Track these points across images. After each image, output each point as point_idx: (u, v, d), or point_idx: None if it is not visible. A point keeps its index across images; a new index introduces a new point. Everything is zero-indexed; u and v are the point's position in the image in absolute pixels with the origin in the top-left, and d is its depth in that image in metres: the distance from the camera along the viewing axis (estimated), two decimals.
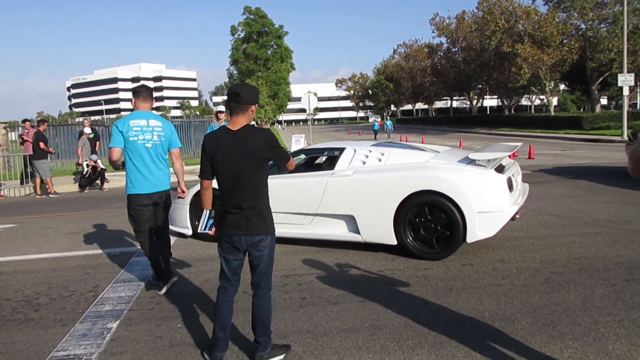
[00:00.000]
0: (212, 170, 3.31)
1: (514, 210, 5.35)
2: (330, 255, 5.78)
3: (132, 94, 4.88)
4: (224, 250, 3.34)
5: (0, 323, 4.29)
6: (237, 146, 3.21)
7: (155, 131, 4.76)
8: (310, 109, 25.93)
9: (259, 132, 3.30)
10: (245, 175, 3.21)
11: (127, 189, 4.80)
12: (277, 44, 47.41)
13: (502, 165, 5.89)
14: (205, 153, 3.30)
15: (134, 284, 5.14)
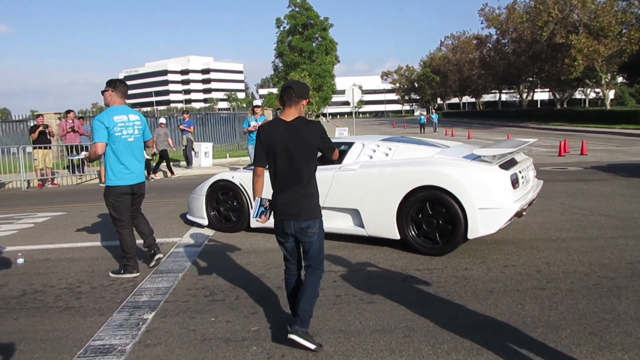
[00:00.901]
0: (267, 158, 3.49)
1: (517, 207, 5.25)
2: (367, 252, 5.68)
3: (112, 88, 5.11)
4: (278, 235, 3.61)
5: (43, 310, 4.43)
6: (292, 136, 3.43)
7: (135, 126, 5.12)
8: (355, 102, 25.75)
9: (311, 123, 3.58)
10: (299, 164, 3.44)
11: (107, 180, 5.12)
12: (322, 37, 47.26)
13: (515, 161, 5.85)
14: (261, 142, 3.50)
15: (171, 275, 5.21)
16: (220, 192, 7.05)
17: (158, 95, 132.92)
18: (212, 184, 7.07)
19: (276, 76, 51.49)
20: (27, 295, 4.83)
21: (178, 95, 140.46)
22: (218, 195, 7.06)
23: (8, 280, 5.30)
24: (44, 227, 7.96)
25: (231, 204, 6.98)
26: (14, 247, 6.65)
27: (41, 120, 14.12)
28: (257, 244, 6.29)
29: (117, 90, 5.13)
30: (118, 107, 5.10)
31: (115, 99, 5.12)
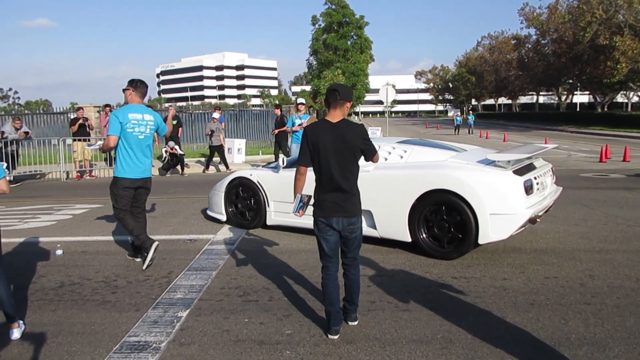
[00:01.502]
0: (312, 158, 3.63)
1: (529, 214, 5.20)
2: (401, 257, 5.58)
3: (133, 88, 5.43)
4: (321, 231, 3.68)
5: (81, 302, 4.50)
6: (338, 137, 3.59)
7: (148, 125, 5.42)
8: (388, 101, 25.50)
9: (355, 125, 3.73)
10: (345, 164, 3.60)
11: (116, 171, 5.42)
12: (357, 35, 46.92)
13: (533, 166, 5.81)
14: (308, 142, 3.63)
15: (205, 272, 5.22)
16: (239, 189, 7.19)
17: (193, 91, 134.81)
18: (231, 181, 7.24)
19: (310, 74, 51.44)
20: (65, 287, 4.92)
21: (212, 90, 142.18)
22: (236, 192, 7.21)
23: (47, 271, 5.41)
24: (82, 219, 8.12)
25: (249, 201, 7.11)
26: (53, 238, 6.80)
27: (81, 114, 14.46)
28: (291, 244, 6.26)
29: (137, 90, 5.45)
30: (135, 105, 5.42)
31: (135, 98, 5.45)
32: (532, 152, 5.89)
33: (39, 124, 20.93)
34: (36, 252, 6.16)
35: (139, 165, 5.41)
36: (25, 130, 13.91)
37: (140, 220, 5.68)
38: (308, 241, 6.27)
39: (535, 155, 5.95)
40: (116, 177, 5.42)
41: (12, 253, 6.12)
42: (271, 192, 6.86)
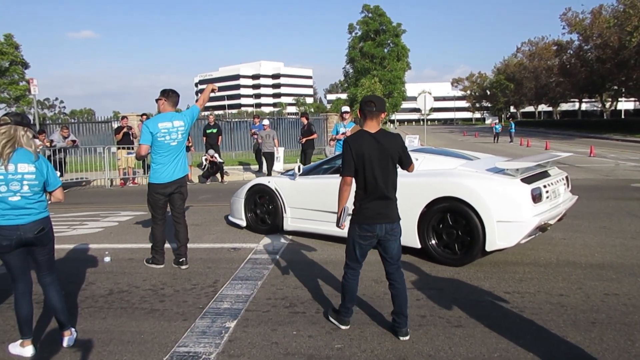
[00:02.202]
0: (355, 168, 3.73)
1: (536, 222, 5.22)
2: (449, 269, 5.42)
3: (165, 97, 5.58)
4: (361, 238, 3.82)
5: (130, 310, 4.53)
6: (378, 147, 3.74)
7: (179, 131, 5.55)
8: (426, 109, 25.20)
9: (393, 135, 3.91)
10: (387, 172, 3.76)
11: (150, 177, 5.65)
12: (394, 43, 46.68)
13: (545, 174, 5.87)
14: (352, 152, 3.74)
15: (251, 282, 5.20)
16: (258, 195, 7.46)
17: (230, 99, 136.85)
18: (250, 188, 7.50)
19: (346, 82, 51.46)
20: (114, 294, 4.98)
21: (249, 99, 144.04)
22: (255, 198, 7.48)
23: (97, 278, 5.50)
24: (128, 226, 8.26)
25: (267, 207, 7.35)
26: (101, 245, 6.93)
27: (125, 122, 14.81)
28: (334, 254, 6.18)
29: (169, 99, 5.61)
30: (165, 114, 5.57)
31: (167, 107, 5.60)
32: (542, 160, 5.95)
33: (83, 132, 21.55)
34: (85, 259, 6.28)
35: (171, 170, 5.59)
36: (72, 138, 14.34)
37: (180, 227, 5.83)
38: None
39: (545, 163, 6.03)
40: (150, 183, 5.67)
41: (62, 259, 6.25)
42: (288, 199, 7.07)
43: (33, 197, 3.64)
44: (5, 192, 3.51)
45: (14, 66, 29.66)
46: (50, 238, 3.83)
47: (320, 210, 6.66)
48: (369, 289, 4.89)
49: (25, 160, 3.59)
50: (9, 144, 3.52)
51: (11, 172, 3.52)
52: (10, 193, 3.52)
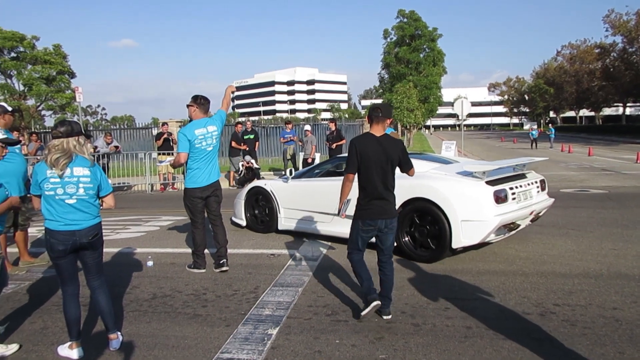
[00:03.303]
0: (359, 167, 4.15)
1: (497, 221, 5.56)
2: (494, 279, 5.28)
3: (196, 104, 5.69)
4: (364, 231, 4.27)
5: (173, 315, 4.58)
6: (381, 149, 4.16)
7: (213, 136, 5.69)
8: (464, 114, 24.79)
9: (395, 140, 4.32)
10: (387, 172, 4.18)
11: (186, 182, 5.79)
12: (430, 47, 46.22)
13: (514, 177, 6.26)
14: (356, 152, 4.15)
15: (291, 289, 5.18)
16: (256, 197, 8.01)
17: (265, 105, 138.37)
18: (249, 190, 8.10)
19: (381, 87, 51.23)
20: (157, 298, 5.05)
21: (283, 105, 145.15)
22: (253, 200, 8.04)
23: (140, 282, 5.59)
24: (169, 231, 8.40)
25: (264, 208, 7.90)
26: (144, 249, 7.06)
27: (165, 129, 15.13)
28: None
29: (200, 106, 5.72)
30: (199, 121, 5.68)
31: (199, 114, 5.72)
32: (511, 163, 6.41)
33: (124, 138, 22.14)
34: (129, 263, 6.41)
35: (206, 174, 5.72)
36: (115, 144, 14.74)
37: (218, 229, 5.92)
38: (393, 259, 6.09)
39: (521, 166, 6.47)
40: (187, 188, 5.80)
41: (107, 263, 6.36)
42: (282, 200, 7.60)
43: (88, 201, 3.72)
44: (62, 195, 3.62)
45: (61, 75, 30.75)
46: (101, 242, 3.93)
47: (310, 211, 7.21)
48: (411, 298, 4.80)
49: (81, 164, 3.68)
50: (64, 157, 3.61)
51: (67, 175, 3.62)
52: (67, 196, 3.63)
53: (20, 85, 30.70)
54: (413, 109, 34.40)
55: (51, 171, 3.61)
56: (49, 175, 3.61)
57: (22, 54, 30.22)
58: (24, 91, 30.81)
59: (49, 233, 3.70)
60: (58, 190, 3.62)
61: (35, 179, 3.68)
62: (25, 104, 30.91)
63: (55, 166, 3.59)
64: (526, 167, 6.62)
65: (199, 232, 5.89)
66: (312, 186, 7.38)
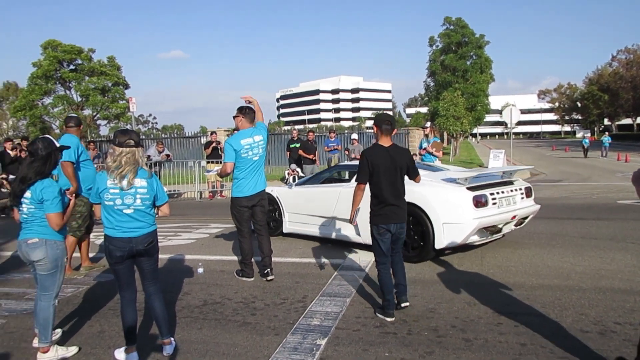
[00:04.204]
0: (370, 176, 4.51)
1: (475, 224, 5.98)
2: (549, 294, 5.09)
3: (242, 115, 5.79)
4: (380, 235, 4.58)
5: (223, 322, 4.66)
6: (390, 159, 4.52)
7: (260, 145, 5.79)
8: (513, 122, 24.22)
9: (403, 149, 4.76)
10: (396, 180, 4.57)
11: (233, 192, 5.86)
12: (477, 54, 45.51)
13: (496, 184, 6.64)
14: (368, 163, 4.49)
15: (339, 299, 5.18)
16: None
17: (310, 114, 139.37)
18: None
19: (426, 95, 50.77)
20: (207, 305, 5.15)
21: (328, 113, 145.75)
22: None
23: (191, 289, 5.72)
24: (218, 238, 8.57)
25: (270, 212, 8.11)
26: (194, 256, 7.23)
27: (214, 138, 15.49)
28: (423, 273, 6.03)
29: (246, 116, 5.82)
30: (245, 131, 5.78)
31: (245, 124, 5.81)
32: (496, 172, 7.07)
33: (174, 146, 22.79)
34: (180, 269, 6.57)
35: (252, 183, 5.80)
36: (166, 152, 15.20)
37: (263, 239, 5.98)
38: (440, 272, 6.01)
39: (507, 174, 6.98)
40: (233, 198, 5.88)
41: (160, 269, 6.50)
42: (286, 205, 8.08)
43: (144, 210, 3.86)
44: (120, 205, 3.76)
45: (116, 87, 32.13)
46: (156, 249, 4.06)
47: (311, 215, 7.75)
48: (462, 312, 4.70)
49: (141, 175, 3.82)
50: (133, 170, 3.75)
51: (125, 186, 3.76)
52: (125, 206, 3.77)
53: (78, 96, 32.17)
54: (459, 117, 33.87)
55: (112, 182, 3.75)
56: (109, 185, 3.76)
57: (80, 66, 31.70)
58: (81, 101, 32.32)
59: (107, 240, 3.85)
60: (117, 200, 3.76)
61: (96, 188, 3.83)
62: (82, 114, 32.38)
63: (121, 178, 3.72)
64: (513, 175, 7.06)
65: (245, 240, 5.97)
66: (313, 192, 7.93)
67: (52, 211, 3.83)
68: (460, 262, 6.43)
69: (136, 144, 3.83)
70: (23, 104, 31.84)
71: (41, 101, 32.37)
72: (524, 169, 8.90)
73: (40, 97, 31.97)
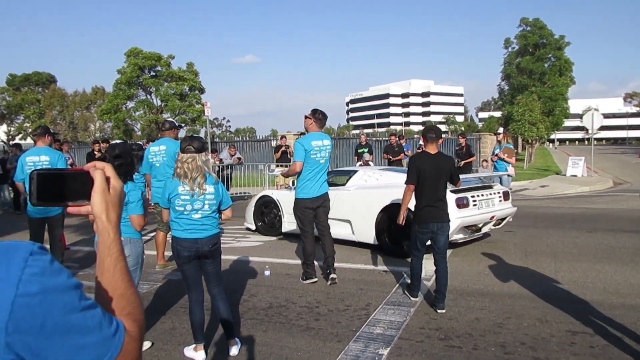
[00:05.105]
0: (418, 179, 5.01)
1: (459, 222, 6.63)
2: (631, 314, 4.76)
3: (313, 117, 5.96)
4: (420, 233, 5.11)
5: (287, 326, 4.74)
6: (435, 165, 5.04)
7: (327, 149, 5.98)
8: (594, 128, 22.86)
9: (447, 157, 5.31)
10: (438, 184, 5.05)
11: (297, 193, 6.01)
12: (556, 56, 43.32)
13: (478, 187, 7.50)
14: (416, 166, 5.04)
15: (403, 308, 5.12)
16: (264, 205, 9.20)
17: (379, 118, 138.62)
18: (258, 199, 9.33)
19: (500, 99, 49.01)
20: (273, 308, 5.26)
21: (398, 117, 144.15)
22: (262, 207, 9.22)
23: (258, 291, 5.87)
24: (286, 242, 8.71)
25: (270, 214, 9.06)
26: (262, 258, 7.40)
27: (284, 142, 15.78)
28: (492, 285, 5.84)
29: (318, 120, 6.00)
30: (315, 133, 5.96)
31: (314, 127, 6.00)
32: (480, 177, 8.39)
33: (246, 149, 23.42)
34: (247, 271, 6.75)
35: (317, 185, 5.95)
36: (238, 156, 15.67)
37: (326, 240, 6.08)
38: (511, 285, 5.79)
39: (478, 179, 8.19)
40: (297, 199, 6.02)
41: (227, 270, 6.79)
42: (285, 208, 8.52)
43: (211, 215, 4.02)
44: (190, 211, 3.93)
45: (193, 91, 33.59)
46: (220, 252, 4.20)
47: None
48: (532, 328, 4.51)
49: (208, 181, 3.98)
50: (200, 176, 3.92)
51: (196, 192, 3.93)
52: (194, 211, 3.94)
53: (158, 101, 33.89)
54: (535, 122, 32.41)
55: (183, 188, 3.92)
56: (180, 191, 3.93)
57: (160, 72, 33.38)
58: (160, 106, 34.00)
59: (175, 240, 4.04)
60: (187, 206, 3.94)
61: (167, 193, 4.02)
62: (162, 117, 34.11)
63: (192, 184, 3.90)
64: (492, 181, 8.48)
65: (309, 241, 6.08)
66: None
67: (136, 213, 4.06)
68: (533, 275, 6.16)
69: (197, 150, 3.97)
70: (109, 108, 33.98)
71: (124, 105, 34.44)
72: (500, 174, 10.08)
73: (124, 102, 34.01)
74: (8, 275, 0.69)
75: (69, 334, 0.72)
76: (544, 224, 9.69)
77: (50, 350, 0.70)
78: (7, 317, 0.68)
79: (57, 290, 0.73)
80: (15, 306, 0.68)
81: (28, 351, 0.69)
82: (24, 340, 0.68)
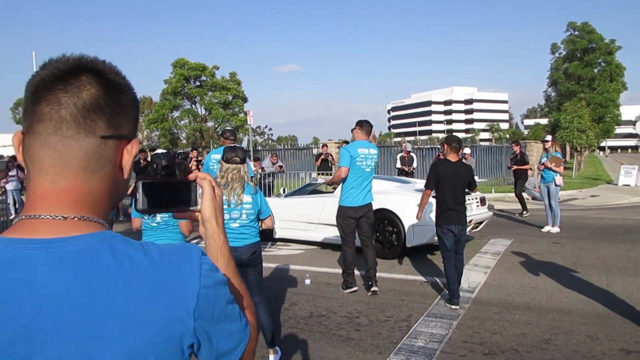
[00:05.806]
0: (437, 184, 5.51)
1: None
2: None
3: (360, 127, 6.06)
4: (443, 234, 5.49)
5: (327, 336, 4.73)
6: (454, 172, 5.50)
7: (373, 159, 6.02)
8: None
9: (466, 165, 5.83)
10: (458, 190, 5.50)
11: (341, 200, 6.02)
12: (606, 61, 41.85)
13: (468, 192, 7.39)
14: (437, 173, 5.53)
15: (445, 321, 5.02)
16: None
17: (421, 125, 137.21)
18: None
19: (547, 106, 47.68)
20: (313, 317, 5.26)
21: (440, 125, 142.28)
22: None
23: (298, 299, 5.88)
24: (326, 250, 8.71)
25: None
26: (302, 266, 7.42)
27: (325, 150, 15.84)
28: (539, 299, 5.65)
29: (363, 129, 6.08)
30: (362, 142, 6.01)
31: (361, 136, 6.06)
32: None
33: (287, 157, 23.62)
34: (288, 279, 6.78)
35: (362, 194, 5.93)
36: (279, 164, 15.82)
37: (368, 250, 6.04)
38: (559, 298, 5.59)
39: None
40: (341, 206, 6.01)
41: (267, 278, 6.83)
42: (276, 213, 8.20)
43: (249, 224, 4.06)
44: (228, 220, 3.98)
45: (236, 100, 34.20)
46: (260, 260, 4.23)
47: (296, 221, 8.89)
48: (582, 345, 4.33)
49: (246, 191, 4.03)
50: (240, 186, 3.98)
51: (233, 202, 3.98)
52: (232, 220, 3.99)
53: (202, 110, 34.66)
54: (585, 129, 31.30)
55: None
56: None
57: (204, 82, 34.16)
58: (205, 115, 34.76)
59: None
60: (225, 215, 3.99)
61: None
62: (206, 126, 34.84)
63: (232, 194, 3.96)
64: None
65: (350, 250, 6.05)
66: (298, 202, 9.13)
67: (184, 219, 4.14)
68: (582, 289, 5.93)
69: (242, 161, 4.03)
70: (155, 117, 34.98)
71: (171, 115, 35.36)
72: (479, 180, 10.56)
73: (170, 111, 34.92)
74: (192, 271, 0.83)
75: (226, 321, 0.86)
76: (595, 236, 9.33)
77: (215, 335, 0.83)
78: (195, 305, 0.80)
79: (220, 283, 0.86)
80: (199, 297, 0.81)
81: (204, 335, 0.82)
82: (203, 326, 0.81)
